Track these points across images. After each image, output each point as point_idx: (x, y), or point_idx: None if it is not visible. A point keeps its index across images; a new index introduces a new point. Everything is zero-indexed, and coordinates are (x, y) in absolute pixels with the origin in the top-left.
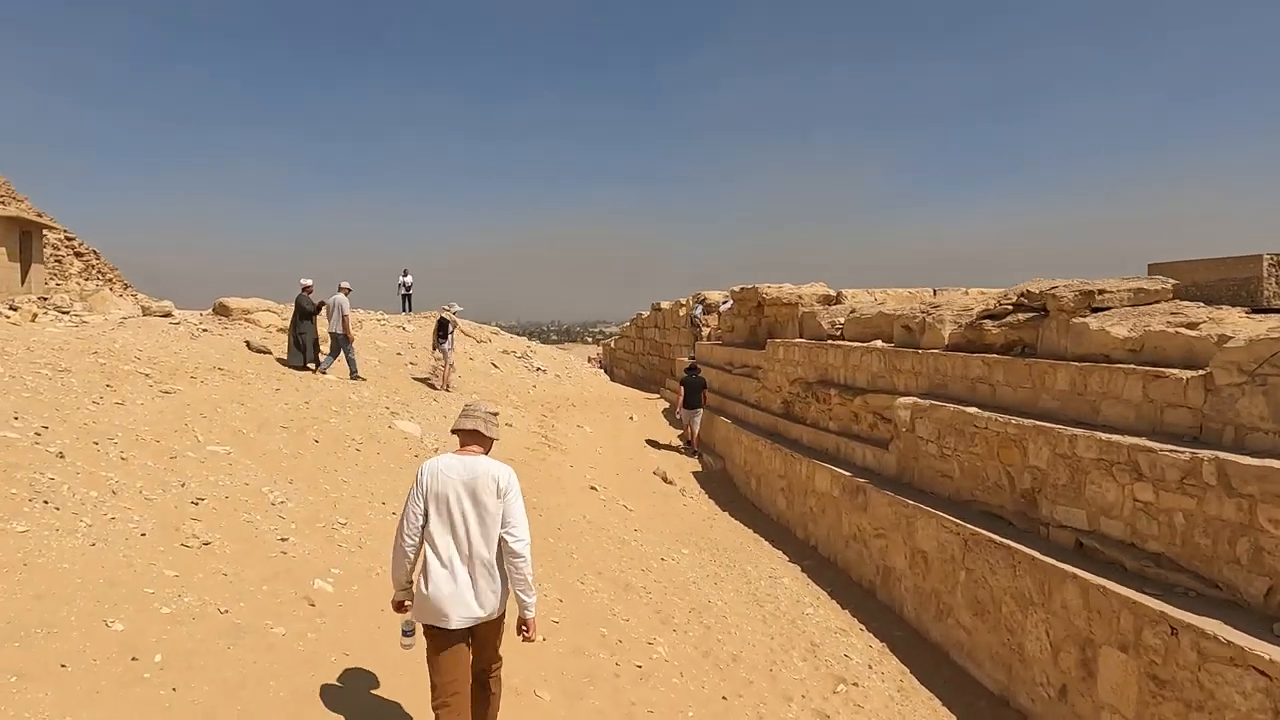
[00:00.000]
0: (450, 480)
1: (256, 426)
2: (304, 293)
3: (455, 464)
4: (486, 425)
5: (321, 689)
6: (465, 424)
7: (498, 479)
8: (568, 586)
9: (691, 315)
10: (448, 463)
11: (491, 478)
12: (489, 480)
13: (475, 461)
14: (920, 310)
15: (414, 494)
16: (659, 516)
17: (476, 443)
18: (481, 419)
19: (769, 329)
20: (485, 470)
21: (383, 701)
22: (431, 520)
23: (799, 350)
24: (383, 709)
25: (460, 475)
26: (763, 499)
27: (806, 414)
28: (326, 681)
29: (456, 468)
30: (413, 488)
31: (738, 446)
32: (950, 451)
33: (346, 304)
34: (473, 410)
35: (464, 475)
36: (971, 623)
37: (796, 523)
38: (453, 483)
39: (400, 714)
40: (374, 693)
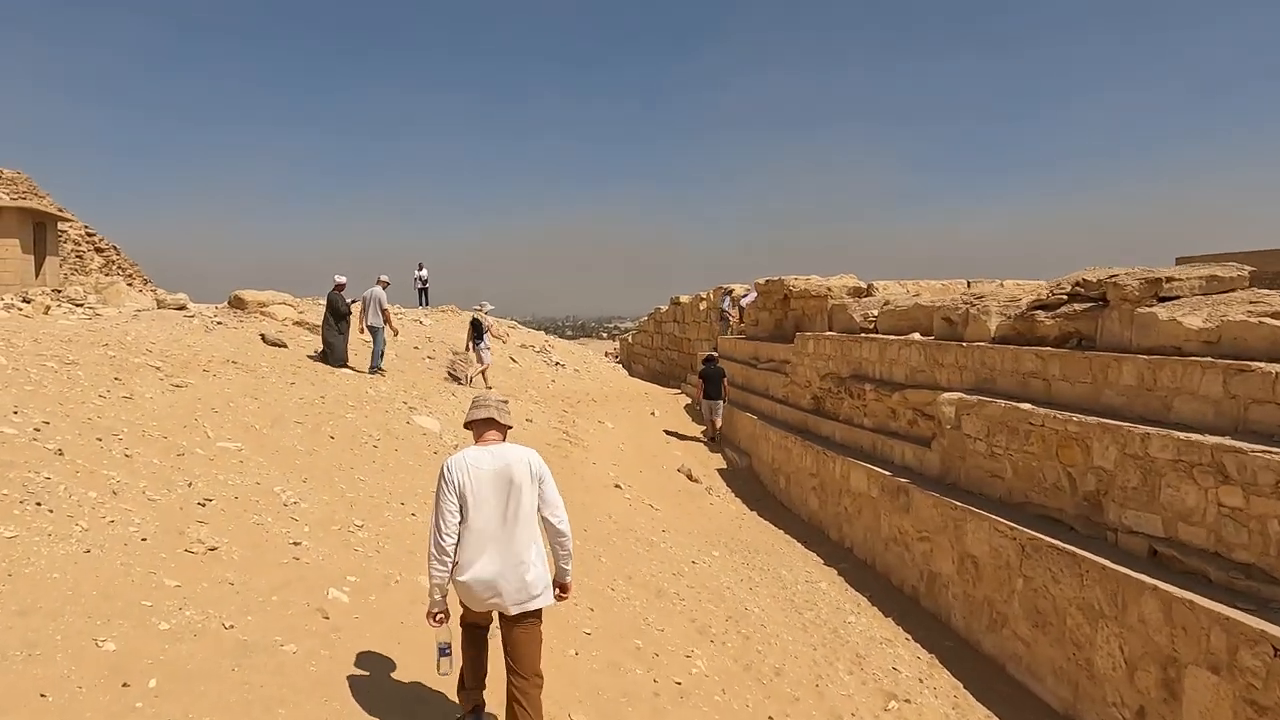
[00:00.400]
0: (482, 472)
1: (270, 422)
2: (335, 290)
3: (483, 455)
4: (500, 412)
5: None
6: (479, 414)
7: (529, 462)
8: (598, 593)
9: (720, 307)
10: (475, 455)
11: (524, 463)
12: (522, 465)
13: (502, 449)
14: (963, 301)
15: (444, 493)
16: (686, 516)
17: (494, 430)
18: (494, 407)
19: (795, 322)
20: (516, 456)
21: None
22: (469, 514)
23: (830, 344)
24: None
25: (491, 465)
26: (793, 498)
27: (839, 410)
28: (343, 709)
29: (485, 459)
30: (441, 487)
31: (765, 443)
32: (1001, 450)
33: (384, 297)
34: (483, 400)
35: (495, 464)
36: (1031, 634)
37: (830, 523)
38: (485, 474)
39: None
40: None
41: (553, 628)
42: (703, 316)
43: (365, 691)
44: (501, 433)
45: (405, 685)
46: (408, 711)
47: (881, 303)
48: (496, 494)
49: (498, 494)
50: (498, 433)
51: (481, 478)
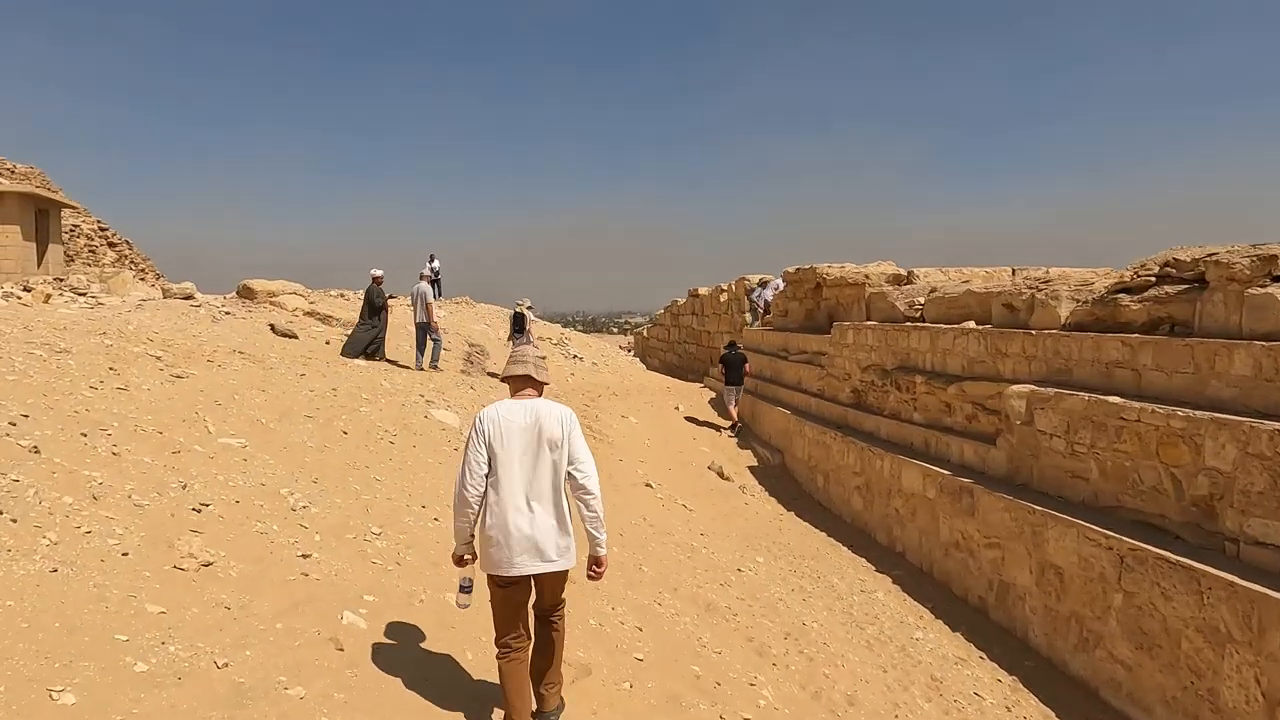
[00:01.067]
0: (513, 424)
1: (278, 416)
2: (374, 284)
3: (516, 408)
4: (537, 369)
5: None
6: (516, 370)
7: (561, 418)
8: (645, 610)
9: (749, 295)
10: (508, 407)
11: (555, 418)
12: (553, 421)
13: (535, 404)
14: (1026, 286)
15: (474, 442)
16: (721, 517)
17: (531, 386)
18: (531, 364)
19: (829, 312)
20: (548, 411)
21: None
22: (498, 467)
23: (872, 334)
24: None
25: (523, 419)
26: (833, 498)
27: (883, 404)
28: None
29: (518, 411)
30: (471, 435)
31: (800, 439)
32: (1085, 448)
33: (429, 292)
34: (521, 356)
35: (527, 418)
36: (1133, 657)
37: (877, 525)
38: (515, 427)
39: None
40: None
41: (601, 654)
42: (723, 308)
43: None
44: (538, 389)
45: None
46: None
47: (927, 290)
48: (526, 449)
49: (527, 449)
50: (534, 389)
51: (512, 431)
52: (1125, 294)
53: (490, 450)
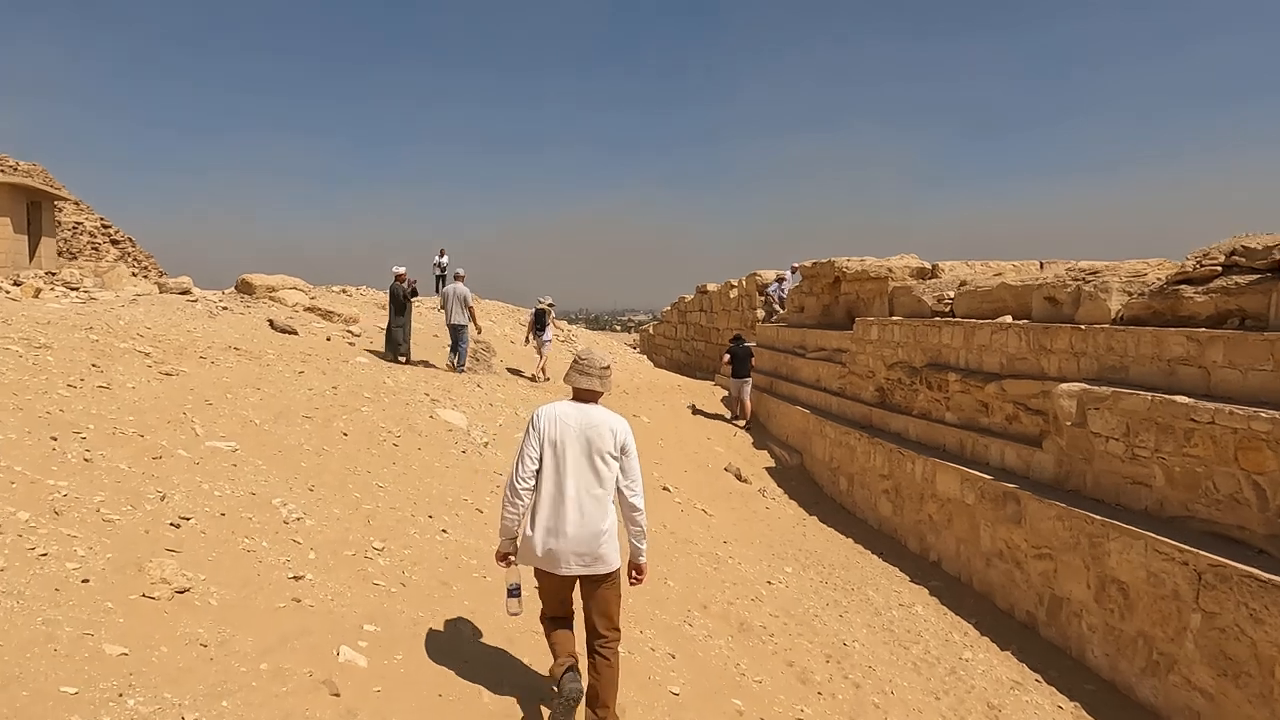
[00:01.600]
0: (568, 427)
1: (273, 416)
2: (396, 281)
3: (572, 411)
4: (602, 382)
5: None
6: (581, 382)
7: (615, 431)
8: (675, 632)
9: (765, 290)
10: (564, 409)
11: (609, 429)
12: (606, 431)
13: (591, 410)
14: (1071, 278)
15: (529, 438)
16: (743, 523)
17: (592, 394)
18: (597, 377)
19: (848, 308)
20: (602, 420)
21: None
22: (545, 466)
23: (899, 330)
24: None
25: (578, 422)
26: (857, 502)
27: (912, 403)
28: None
29: (574, 415)
30: (528, 431)
31: (820, 439)
32: (1148, 452)
33: (469, 294)
34: (587, 366)
35: (581, 423)
36: (1215, 685)
37: (908, 532)
38: (570, 430)
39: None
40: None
41: (632, 688)
42: (733, 305)
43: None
44: (597, 397)
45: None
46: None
47: (955, 283)
48: (576, 452)
49: (578, 452)
50: (593, 395)
51: (567, 433)
52: (1187, 285)
53: (542, 448)
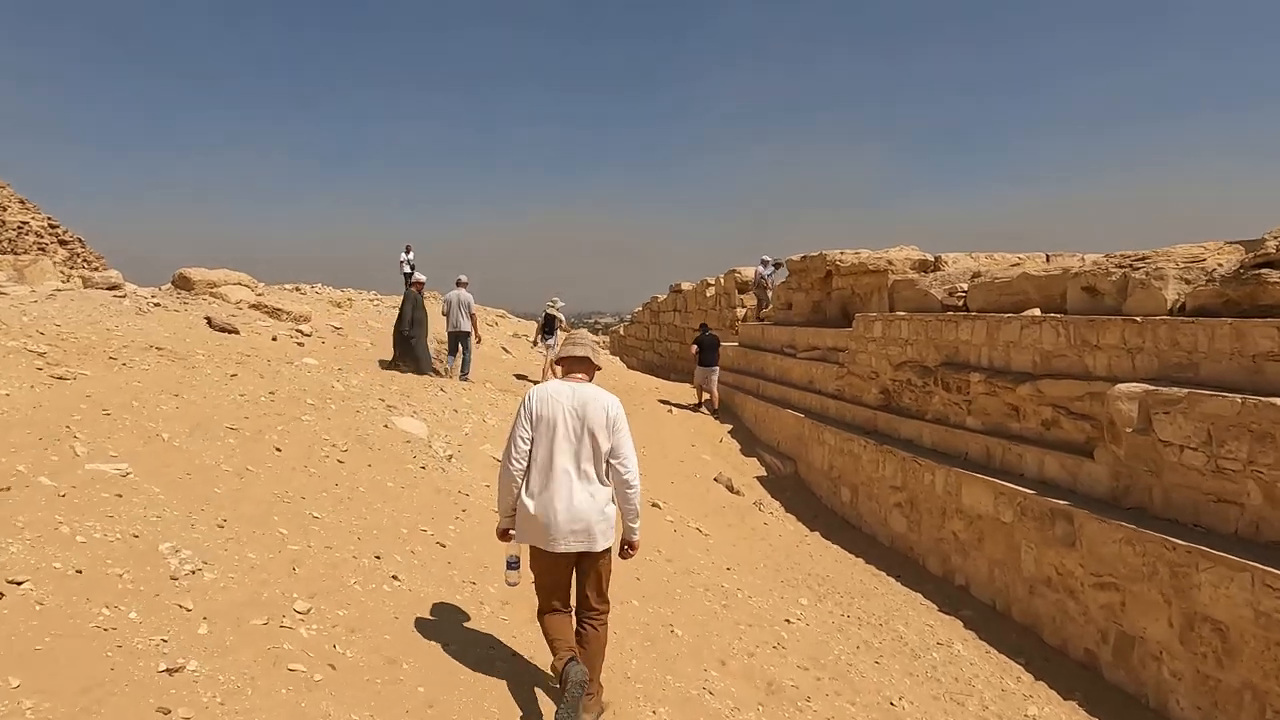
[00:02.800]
0: (559, 405)
1: (189, 429)
2: (414, 289)
3: (564, 389)
4: (595, 353)
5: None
6: (575, 351)
7: (607, 408)
8: (694, 705)
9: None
10: (556, 388)
11: (601, 406)
12: (598, 408)
13: (583, 388)
14: (1114, 265)
15: (520, 419)
16: (743, 543)
17: (583, 370)
18: (590, 347)
19: (841, 304)
20: (594, 397)
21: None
22: (539, 444)
23: (907, 326)
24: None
25: (569, 400)
26: (864, 515)
27: (924, 406)
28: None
29: (565, 393)
30: (519, 410)
31: (817, 446)
32: (1238, 465)
33: (471, 300)
34: (581, 339)
35: (573, 400)
36: None
37: (927, 551)
38: (561, 407)
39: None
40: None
41: None
42: (710, 304)
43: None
44: (589, 374)
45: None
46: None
47: (966, 275)
48: (568, 430)
49: (570, 430)
50: (585, 373)
51: (558, 411)
52: (1271, 269)
53: (535, 428)
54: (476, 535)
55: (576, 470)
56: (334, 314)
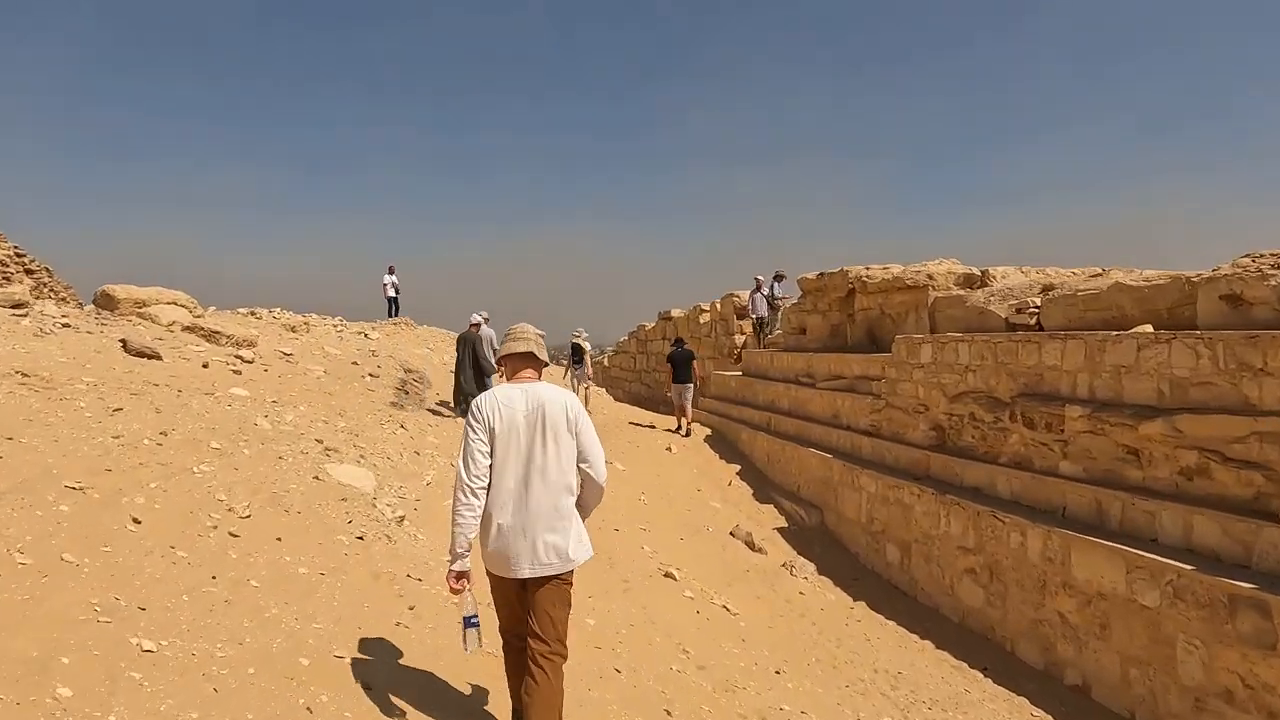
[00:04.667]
0: (515, 411)
1: (13, 485)
2: (471, 329)
3: (515, 394)
4: (539, 348)
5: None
6: (517, 347)
7: (566, 407)
8: None
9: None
10: (507, 393)
11: (560, 405)
12: (558, 409)
13: (536, 388)
14: (1269, 266)
15: (473, 432)
16: (779, 621)
17: (531, 368)
18: (533, 340)
19: (868, 326)
20: (551, 398)
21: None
22: (497, 458)
23: (968, 349)
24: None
25: (525, 405)
26: (919, 581)
27: (997, 447)
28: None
29: (518, 398)
30: (470, 426)
31: (851, 493)
32: None
33: (493, 335)
34: (521, 332)
35: (529, 405)
36: None
37: (1018, 634)
38: (518, 415)
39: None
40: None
41: None
42: (705, 331)
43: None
44: (537, 370)
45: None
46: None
47: (1033, 288)
48: (530, 439)
49: (531, 439)
50: (534, 371)
51: (515, 419)
52: None
53: (491, 441)
54: (429, 652)
55: (545, 482)
56: (286, 339)
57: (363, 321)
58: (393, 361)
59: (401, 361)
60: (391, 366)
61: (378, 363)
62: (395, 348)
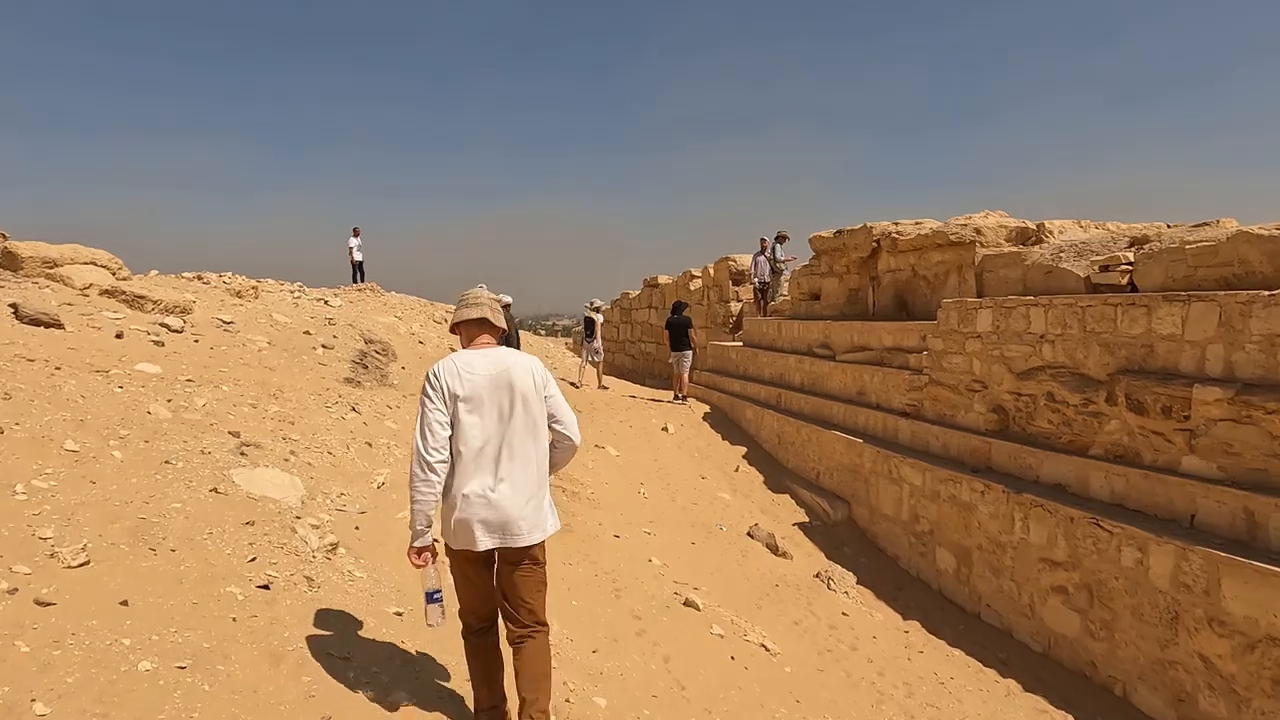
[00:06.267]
0: (477, 377)
1: None
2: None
3: (476, 358)
4: (494, 313)
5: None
6: (471, 313)
7: (532, 370)
8: None
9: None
10: (467, 359)
11: (525, 369)
12: (523, 372)
13: (496, 353)
14: None
15: (430, 400)
16: (828, 659)
17: (487, 333)
18: (488, 305)
19: (897, 290)
20: (515, 362)
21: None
22: (458, 429)
23: (1044, 314)
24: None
25: (487, 370)
26: (983, 595)
27: (1087, 435)
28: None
29: (480, 362)
30: (426, 394)
31: (890, 486)
32: None
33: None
34: (475, 297)
35: (492, 369)
36: None
37: (1140, 677)
38: (481, 381)
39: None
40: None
41: None
42: (696, 298)
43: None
44: (495, 337)
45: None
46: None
47: (1119, 241)
48: (494, 406)
49: (495, 406)
50: (490, 337)
51: (477, 385)
52: None
53: (452, 409)
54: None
55: (513, 451)
56: (229, 305)
57: (325, 288)
58: (352, 331)
59: (363, 331)
60: (350, 337)
61: (334, 332)
62: (358, 316)
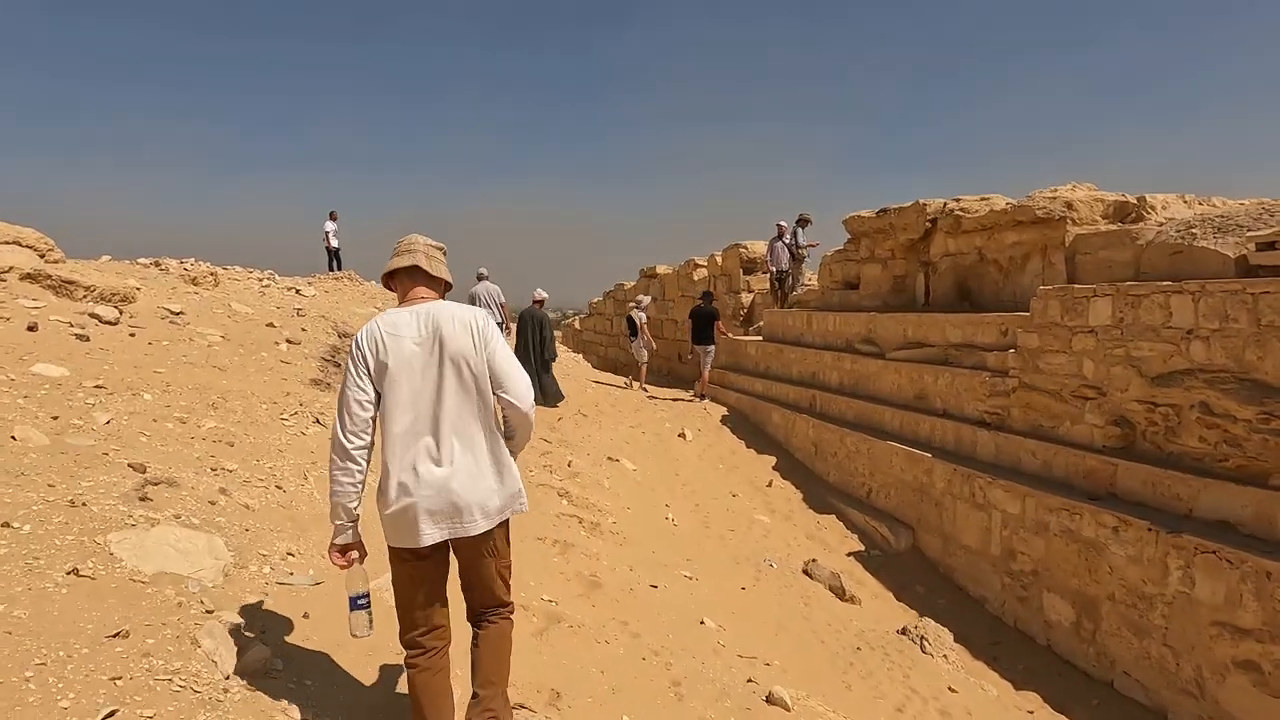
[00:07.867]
0: (403, 342)
1: None
2: (535, 305)
3: (405, 318)
4: (430, 260)
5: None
6: (401, 261)
7: (470, 323)
8: None
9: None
10: (393, 320)
11: (462, 323)
12: (459, 327)
13: (431, 309)
14: None
15: (352, 371)
16: None
17: (424, 285)
18: (421, 251)
19: (958, 278)
20: (450, 316)
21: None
22: (388, 403)
23: (1190, 304)
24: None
25: (415, 329)
26: (1118, 659)
27: (1265, 460)
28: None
29: (407, 321)
30: (347, 368)
31: (974, 512)
32: None
33: (498, 289)
34: (409, 244)
35: (421, 328)
36: None
37: None
38: (408, 345)
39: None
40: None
41: None
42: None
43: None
44: (436, 290)
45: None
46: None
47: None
48: (427, 372)
49: (429, 372)
50: (429, 289)
51: (403, 351)
52: None
53: (377, 382)
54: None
55: (445, 427)
56: (182, 294)
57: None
58: (325, 323)
59: (337, 323)
60: (322, 330)
61: (302, 325)
62: (332, 306)
